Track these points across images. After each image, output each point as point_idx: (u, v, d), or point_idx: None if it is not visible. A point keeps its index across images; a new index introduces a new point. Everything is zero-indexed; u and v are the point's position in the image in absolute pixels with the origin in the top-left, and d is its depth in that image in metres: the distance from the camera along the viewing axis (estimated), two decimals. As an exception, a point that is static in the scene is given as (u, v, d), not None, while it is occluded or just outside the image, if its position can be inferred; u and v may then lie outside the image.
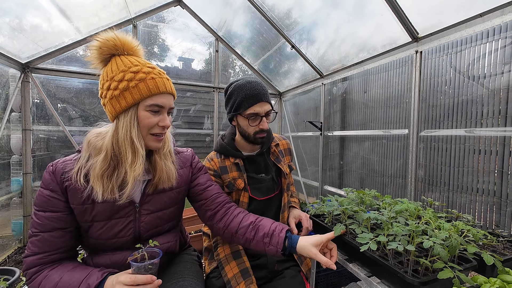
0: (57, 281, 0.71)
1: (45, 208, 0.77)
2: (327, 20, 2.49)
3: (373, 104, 2.42)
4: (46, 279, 0.72)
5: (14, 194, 2.64)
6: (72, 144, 2.94)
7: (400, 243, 0.80)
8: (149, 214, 0.89)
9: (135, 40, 0.84)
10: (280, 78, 3.92)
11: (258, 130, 1.11)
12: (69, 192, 0.78)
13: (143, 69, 0.78)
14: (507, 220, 1.42)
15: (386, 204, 1.20)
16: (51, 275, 0.73)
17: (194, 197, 1.03)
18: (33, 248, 0.75)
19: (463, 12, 1.57)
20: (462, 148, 1.65)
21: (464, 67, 1.64)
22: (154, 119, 0.80)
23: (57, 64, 2.89)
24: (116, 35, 0.78)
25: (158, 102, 0.80)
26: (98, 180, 0.76)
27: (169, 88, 0.82)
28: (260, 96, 1.08)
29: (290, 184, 1.35)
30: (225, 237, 1.01)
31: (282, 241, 0.89)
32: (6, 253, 2.48)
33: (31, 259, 0.75)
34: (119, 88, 0.76)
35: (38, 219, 0.76)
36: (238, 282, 1.02)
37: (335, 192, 2.94)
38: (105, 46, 0.77)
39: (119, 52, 0.80)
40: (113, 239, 0.84)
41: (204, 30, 3.69)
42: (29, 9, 2.32)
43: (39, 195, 0.78)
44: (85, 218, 0.81)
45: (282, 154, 1.31)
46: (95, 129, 0.85)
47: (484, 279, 0.77)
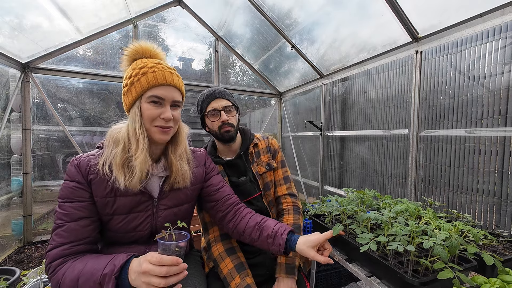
0: (81, 269, 0.72)
1: (72, 199, 0.80)
2: (327, 20, 2.49)
3: (373, 104, 2.42)
4: (70, 269, 0.72)
5: (14, 194, 2.64)
6: (72, 144, 2.94)
7: (400, 244, 0.80)
8: (166, 210, 0.93)
9: (155, 45, 0.90)
10: (280, 78, 3.92)
11: (220, 124, 1.17)
12: (93, 185, 0.82)
13: (148, 64, 0.83)
14: (507, 220, 1.42)
15: (386, 204, 1.20)
16: (75, 265, 0.73)
17: (206, 197, 1.07)
18: (58, 240, 0.76)
19: (463, 12, 1.57)
20: (462, 148, 1.65)
21: (464, 67, 1.64)
22: (155, 111, 0.83)
23: (57, 64, 2.89)
24: (140, 44, 0.87)
25: (157, 94, 0.82)
26: (120, 169, 0.81)
27: (169, 80, 0.84)
28: (215, 94, 1.19)
29: (280, 182, 1.31)
30: (234, 236, 1.07)
31: (284, 243, 0.94)
32: (6, 253, 2.48)
33: (55, 251, 0.75)
34: (128, 84, 0.83)
35: (65, 210, 0.79)
36: (233, 276, 1.03)
37: (335, 192, 2.94)
38: (130, 53, 0.86)
39: (138, 55, 0.87)
40: (131, 232, 0.88)
41: (204, 30, 3.69)
42: (30, 9, 2.32)
43: (64, 187, 0.81)
44: (107, 211, 0.84)
45: (259, 154, 1.31)
46: (117, 125, 0.91)
47: (484, 279, 0.77)
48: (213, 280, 1.10)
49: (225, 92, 1.23)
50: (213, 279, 1.11)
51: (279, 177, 1.32)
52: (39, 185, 2.83)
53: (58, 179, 2.94)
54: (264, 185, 1.27)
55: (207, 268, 1.20)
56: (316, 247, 0.91)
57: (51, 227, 3.08)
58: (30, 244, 2.73)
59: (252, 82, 4.16)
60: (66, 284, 0.71)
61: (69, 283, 0.70)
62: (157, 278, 0.65)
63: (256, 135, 1.37)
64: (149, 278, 0.65)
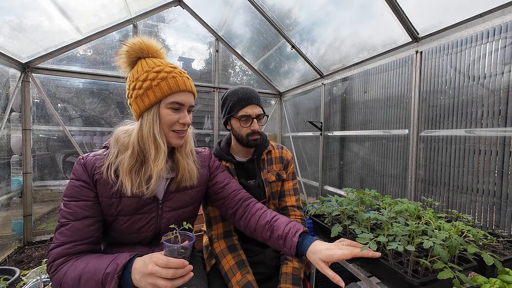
0: (83, 268, 0.71)
1: (77, 198, 0.80)
2: (327, 20, 2.49)
3: (373, 104, 2.42)
4: (71, 268, 0.72)
5: (14, 193, 2.64)
6: (72, 144, 2.94)
7: (400, 244, 0.80)
8: (170, 212, 0.93)
9: (159, 44, 0.89)
10: (280, 78, 3.92)
11: (250, 132, 1.15)
12: (99, 185, 0.82)
13: (165, 68, 0.83)
14: (507, 220, 1.42)
15: (386, 204, 1.20)
16: (77, 264, 0.73)
17: (213, 195, 1.06)
18: (61, 238, 0.76)
19: (463, 13, 1.57)
20: (462, 148, 1.65)
21: (464, 67, 1.64)
22: (175, 116, 0.84)
23: (57, 64, 2.89)
24: (142, 39, 0.84)
25: (179, 100, 0.83)
26: (126, 175, 0.81)
27: (189, 87, 0.86)
28: (251, 99, 1.15)
29: (289, 193, 1.30)
30: (247, 233, 1.04)
31: (294, 246, 0.88)
32: (6, 253, 2.48)
33: (58, 250, 0.75)
34: (143, 87, 0.80)
35: (69, 209, 0.78)
36: (234, 273, 1.04)
37: (335, 192, 2.93)
38: (132, 50, 0.83)
39: (144, 55, 0.85)
40: (135, 234, 0.88)
41: (204, 30, 3.69)
42: (30, 9, 2.32)
43: (70, 186, 0.81)
44: (111, 211, 0.84)
45: (271, 161, 1.30)
46: (122, 127, 0.90)
47: (484, 279, 0.77)
48: (214, 279, 1.11)
49: (259, 98, 1.21)
50: (214, 277, 1.12)
51: (289, 187, 1.32)
52: (39, 185, 2.83)
53: (58, 179, 2.94)
54: (270, 194, 1.27)
55: (208, 267, 1.21)
56: (328, 263, 0.83)
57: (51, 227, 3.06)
58: (30, 244, 2.73)
59: (252, 82, 4.16)
60: (68, 283, 0.70)
61: (71, 282, 0.70)
62: (164, 280, 0.65)
63: (271, 142, 1.36)
64: (155, 280, 0.65)
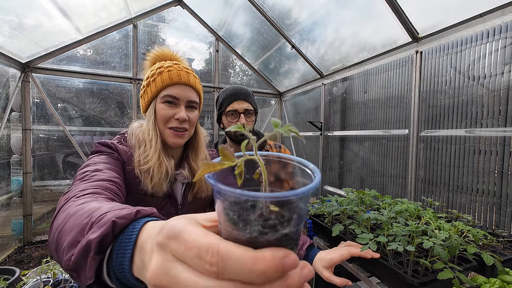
0: (77, 210, 0.45)
1: (104, 157, 0.72)
2: (327, 20, 2.49)
3: (373, 104, 2.42)
4: (73, 204, 0.47)
5: (14, 193, 2.64)
6: (72, 144, 2.94)
7: (400, 244, 0.80)
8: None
9: (174, 51, 0.91)
10: (280, 78, 3.92)
11: None
12: (127, 175, 0.77)
13: (165, 65, 0.82)
14: (507, 220, 1.42)
15: (386, 204, 1.20)
16: (79, 201, 0.48)
17: None
18: (72, 187, 0.57)
19: (463, 13, 1.56)
20: (462, 148, 1.65)
21: (464, 67, 1.64)
22: (169, 111, 0.80)
23: (57, 64, 2.89)
24: (162, 49, 0.87)
25: (171, 93, 0.80)
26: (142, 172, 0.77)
27: (185, 79, 0.81)
28: (238, 95, 1.17)
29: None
30: None
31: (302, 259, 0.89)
32: (6, 253, 2.48)
33: (65, 196, 0.54)
34: (145, 85, 0.83)
35: (91, 161, 0.70)
36: None
37: (335, 192, 2.93)
38: (152, 58, 0.87)
39: (159, 60, 0.87)
40: None
41: (204, 30, 3.69)
42: (30, 8, 2.32)
43: (96, 152, 0.75)
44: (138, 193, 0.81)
45: None
46: (137, 121, 0.89)
47: (484, 279, 0.77)
48: None
49: (249, 94, 1.21)
50: None
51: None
52: (39, 185, 2.83)
53: (58, 179, 2.94)
54: None
55: None
56: (331, 268, 0.88)
57: (51, 227, 3.07)
58: (30, 244, 2.73)
59: (252, 82, 4.16)
60: (55, 226, 0.44)
61: (57, 224, 0.43)
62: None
63: (269, 141, 1.36)
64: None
